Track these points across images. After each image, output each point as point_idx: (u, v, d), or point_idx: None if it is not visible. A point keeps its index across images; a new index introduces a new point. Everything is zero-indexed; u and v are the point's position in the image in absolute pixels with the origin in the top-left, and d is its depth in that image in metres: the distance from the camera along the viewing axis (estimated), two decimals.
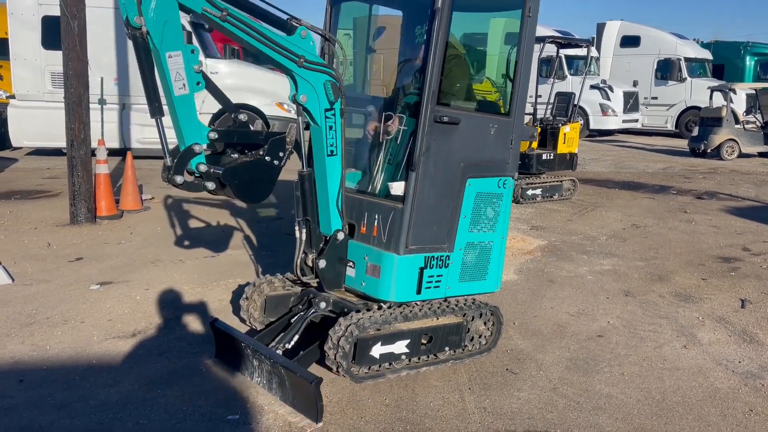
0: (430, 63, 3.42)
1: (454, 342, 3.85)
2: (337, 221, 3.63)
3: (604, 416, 3.38)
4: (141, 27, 2.82)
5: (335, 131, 3.47)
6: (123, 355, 3.96)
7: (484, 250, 3.90)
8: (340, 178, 3.57)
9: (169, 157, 3.06)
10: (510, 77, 3.92)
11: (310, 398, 3.21)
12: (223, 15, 2.98)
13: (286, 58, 3.21)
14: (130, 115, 11.32)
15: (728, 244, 6.98)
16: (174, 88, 2.98)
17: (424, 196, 3.57)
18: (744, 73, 20.89)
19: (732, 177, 12.04)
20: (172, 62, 2.95)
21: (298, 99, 3.31)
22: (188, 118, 3.07)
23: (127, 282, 5.28)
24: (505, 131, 3.83)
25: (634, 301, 5.15)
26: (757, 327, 4.66)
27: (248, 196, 3.33)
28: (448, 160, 3.62)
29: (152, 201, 8.37)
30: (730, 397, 3.63)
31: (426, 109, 3.45)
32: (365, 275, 3.68)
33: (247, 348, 3.59)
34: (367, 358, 3.50)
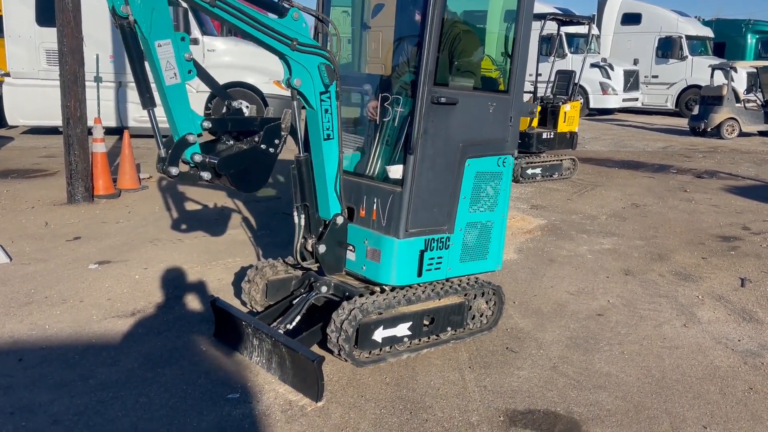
0: (426, 43, 3.32)
1: (456, 322, 3.85)
2: (335, 205, 3.58)
3: (604, 394, 3.39)
4: (128, 16, 2.72)
5: (331, 114, 3.39)
6: (122, 335, 3.95)
7: (485, 229, 3.86)
8: (337, 162, 3.51)
9: (163, 148, 2.99)
10: (509, 54, 3.85)
11: (310, 377, 3.21)
12: (212, 0, 2.88)
13: (278, 42, 3.10)
14: (127, 93, 11.21)
15: (728, 223, 6.97)
16: (165, 77, 2.88)
17: (423, 178, 3.50)
18: (745, 51, 20.74)
19: (732, 156, 12.00)
20: (162, 51, 2.85)
21: (292, 83, 3.22)
22: (181, 108, 2.98)
23: (125, 261, 5.26)
24: (504, 109, 3.77)
25: (633, 280, 5.15)
26: (757, 306, 4.66)
27: (244, 186, 3.27)
28: (447, 141, 3.55)
29: (150, 180, 8.32)
30: (730, 375, 3.63)
31: (423, 90, 3.36)
32: (366, 259, 3.64)
33: (248, 327, 3.59)
34: (369, 342, 3.49)
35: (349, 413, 3.15)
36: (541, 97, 9.90)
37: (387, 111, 3.75)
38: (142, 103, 2.92)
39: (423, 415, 3.16)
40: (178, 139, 2.99)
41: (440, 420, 3.12)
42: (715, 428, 3.11)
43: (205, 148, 3.16)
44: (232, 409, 3.16)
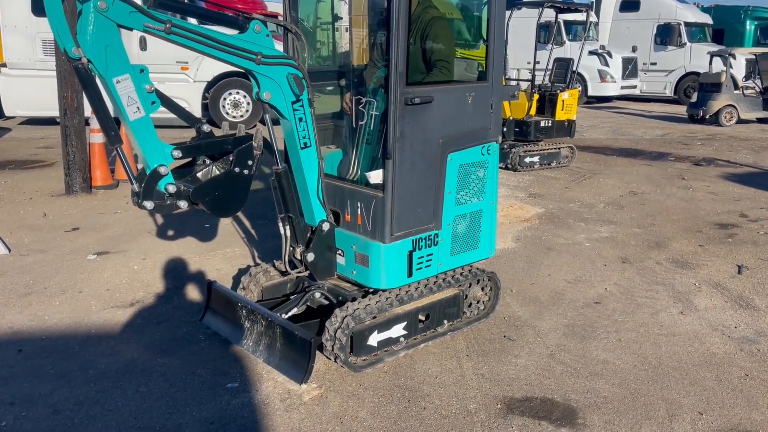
0: (393, 43, 3.16)
1: (452, 314, 3.86)
2: (320, 212, 3.55)
3: (600, 382, 3.41)
4: (80, 57, 2.64)
5: (306, 122, 3.32)
6: (122, 325, 3.97)
7: (474, 219, 3.83)
8: (317, 169, 3.45)
9: (135, 182, 2.93)
10: (484, 38, 3.73)
11: (300, 359, 3.23)
12: (167, 28, 2.80)
13: (243, 59, 3.02)
14: None
15: (726, 211, 6.98)
16: (128, 113, 2.82)
17: (404, 181, 3.41)
18: (744, 37, 20.64)
19: (730, 143, 11.99)
20: (121, 87, 2.78)
21: (262, 97, 3.15)
22: (149, 141, 2.91)
23: (124, 252, 5.27)
24: (484, 97, 3.67)
25: (631, 267, 5.16)
26: (754, 293, 4.68)
27: (221, 211, 3.24)
28: (426, 140, 3.45)
29: None
30: (726, 362, 3.66)
31: (395, 92, 3.21)
32: (355, 264, 3.60)
33: (243, 309, 3.59)
34: (365, 347, 3.48)
35: (348, 402, 3.18)
36: (539, 85, 9.88)
37: (362, 113, 3.66)
38: (108, 142, 2.88)
39: (421, 403, 3.18)
40: (150, 171, 2.93)
41: (438, 408, 3.14)
42: (711, 414, 3.13)
43: (181, 173, 3.13)
44: (232, 398, 3.18)
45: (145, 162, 2.94)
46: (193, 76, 11.38)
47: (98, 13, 2.63)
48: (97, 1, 2.60)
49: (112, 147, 2.88)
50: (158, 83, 10.89)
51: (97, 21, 2.64)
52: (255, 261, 5.11)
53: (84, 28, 2.63)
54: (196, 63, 11.30)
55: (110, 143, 2.85)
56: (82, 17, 2.64)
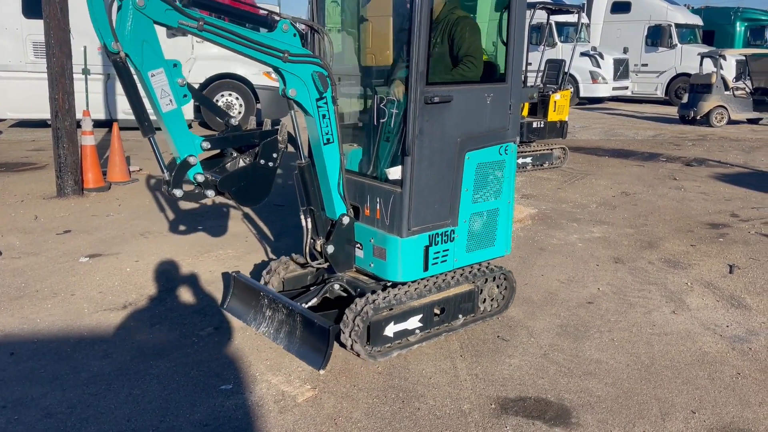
0: (415, 43, 3.28)
1: (466, 309, 3.96)
2: (340, 206, 3.67)
3: (594, 381, 3.42)
4: (119, 51, 2.78)
5: (329, 119, 3.45)
6: (114, 327, 3.95)
7: (491, 217, 3.93)
8: (339, 164, 3.57)
9: (166, 171, 3.09)
10: (504, 42, 3.86)
11: (319, 346, 3.38)
12: (200, 25, 2.93)
13: (270, 56, 3.16)
14: (116, 86, 11.12)
15: (717, 211, 7.02)
16: (161, 105, 2.96)
17: (422, 178, 3.53)
18: (734, 39, 20.79)
19: (721, 144, 12.07)
20: (156, 80, 2.92)
21: (288, 93, 3.29)
22: (180, 132, 3.06)
23: (116, 254, 5.25)
24: (503, 97, 3.78)
25: (623, 267, 5.19)
26: (745, 292, 4.71)
27: (247, 200, 3.38)
28: (444, 138, 3.56)
29: (140, 172, 8.28)
30: (718, 360, 3.68)
31: (415, 91, 3.34)
32: (373, 257, 3.73)
33: (264, 298, 3.76)
34: (381, 338, 3.57)
35: (342, 403, 3.17)
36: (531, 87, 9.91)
37: (383, 111, 3.76)
38: (141, 131, 3.01)
39: (415, 404, 3.18)
40: (180, 161, 3.07)
41: (432, 408, 3.15)
42: (704, 413, 3.15)
43: (210, 164, 3.30)
44: (225, 400, 3.17)
45: (176, 152, 3.08)
46: (187, 76, 11.33)
47: (136, 10, 2.76)
48: None
49: (145, 137, 3.02)
50: None
51: (135, 17, 2.78)
52: (270, 255, 5.10)
53: (123, 24, 2.76)
54: (188, 65, 11.26)
55: (144, 134, 3.00)
56: (121, 13, 2.77)
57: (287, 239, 5.71)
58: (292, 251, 5.36)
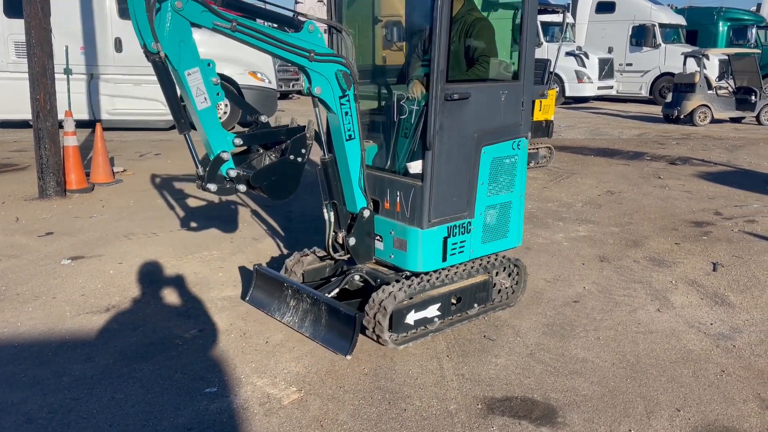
0: (435, 42, 3.44)
1: (481, 298, 4.13)
2: (361, 200, 3.80)
3: (580, 380, 3.43)
4: (158, 52, 2.93)
5: (351, 116, 3.57)
6: (97, 330, 3.90)
7: (504, 209, 4.11)
8: (360, 160, 3.70)
9: (200, 167, 3.24)
10: (516, 41, 4.02)
11: (345, 332, 3.54)
12: (233, 26, 3.07)
13: (297, 56, 3.29)
14: (99, 86, 11.02)
15: (701, 209, 7.08)
16: (196, 102, 3.11)
17: (442, 171, 3.68)
18: (717, 38, 20.98)
19: (705, 142, 12.17)
20: (192, 79, 3.07)
21: (313, 92, 3.41)
22: (213, 129, 3.20)
23: (99, 256, 5.18)
24: (516, 95, 3.93)
25: (609, 266, 5.21)
26: (728, 290, 4.75)
27: (277, 194, 3.50)
28: (462, 133, 3.71)
29: (124, 173, 8.20)
30: (703, 358, 3.70)
31: (436, 88, 3.49)
32: (393, 248, 3.87)
33: (288, 289, 3.93)
34: (403, 325, 3.72)
35: (328, 405, 3.15)
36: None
37: (403, 108, 3.90)
38: (178, 128, 3.15)
39: (402, 405, 3.17)
40: (214, 157, 3.22)
41: (419, 409, 3.14)
42: (689, 411, 3.16)
43: (237, 160, 3.38)
44: (210, 404, 3.14)
45: (209, 148, 3.24)
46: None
47: (175, 11, 2.92)
48: (174, 1, 2.89)
49: (181, 134, 3.16)
50: (134, 85, 10.84)
51: (174, 19, 2.93)
52: (257, 256, 5.06)
53: (161, 25, 2.91)
54: None
55: (180, 131, 3.14)
56: (160, 15, 2.90)
57: (272, 240, 5.68)
58: (277, 252, 5.34)
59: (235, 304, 4.30)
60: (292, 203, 6.89)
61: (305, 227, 6.08)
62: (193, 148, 3.25)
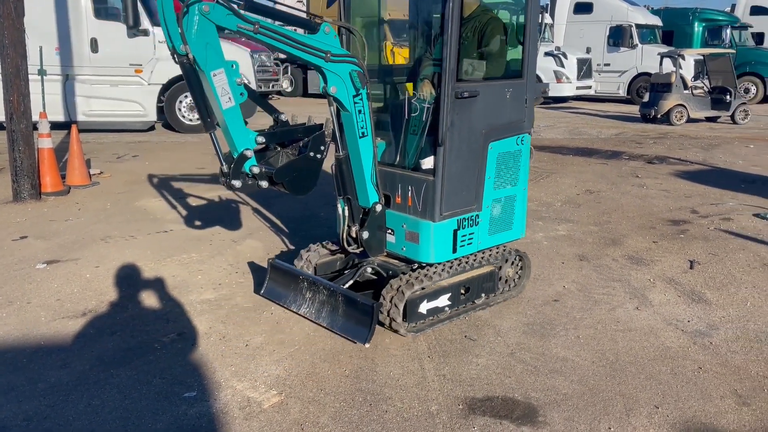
0: (447, 44, 3.61)
1: (488, 288, 4.29)
2: (374, 195, 3.93)
3: (560, 379, 3.45)
4: (187, 54, 3.06)
5: (364, 114, 3.71)
6: (73, 336, 3.84)
7: (509, 203, 4.30)
8: (372, 156, 3.83)
9: (225, 164, 3.37)
10: (520, 41, 4.17)
11: (362, 321, 3.68)
12: (256, 28, 3.21)
13: (315, 56, 3.43)
14: (75, 87, 10.86)
15: (677, 207, 7.16)
16: (221, 102, 3.24)
17: (453, 166, 3.85)
18: (692, 39, 21.26)
19: (681, 141, 12.33)
20: (217, 80, 3.21)
21: (329, 91, 3.54)
22: (237, 127, 3.34)
23: (75, 260, 5.10)
24: (520, 92, 4.13)
25: (588, 265, 5.25)
26: (705, 287, 4.81)
27: (298, 190, 3.62)
28: (471, 129, 3.90)
29: (101, 176, 8.09)
30: (680, 355, 3.74)
31: (447, 87, 3.66)
32: (405, 241, 4.04)
33: (304, 282, 4.06)
34: (416, 315, 3.87)
35: (309, 407, 3.13)
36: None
37: (414, 106, 4.02)
38: (204, 126, 3.32)
39: (383, 407, 3.16)
40: (238, 154, 3.36)
41: (400, 411, 3.13)
42: (667, 408, 3.19)
43: (255, 158, 3.48)
44: (189, 408, 3.10)
45: (233, 146, 3.37)
46: (148, 79, 11.13)
47: (202, 15, 3.06)
48: (201, 5, 3.04)
49: (207, 132, 3.34)
50: (110, 86, 10.68)
51: (201, 22, 3.07)
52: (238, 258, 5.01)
53: (189, 28, 3.05)
54: (150, 65, 11.06)
55: (205, 129, 3.33)
56: (188, 18, 3.04)
57: (252, 241, 5.63)
58: (258, 254, 5.30)
59: (214, 307, 4.27)
60: (272, 205, 6.86)
61: (283, 229, 6.05)
62: (218, 147, 3.36)
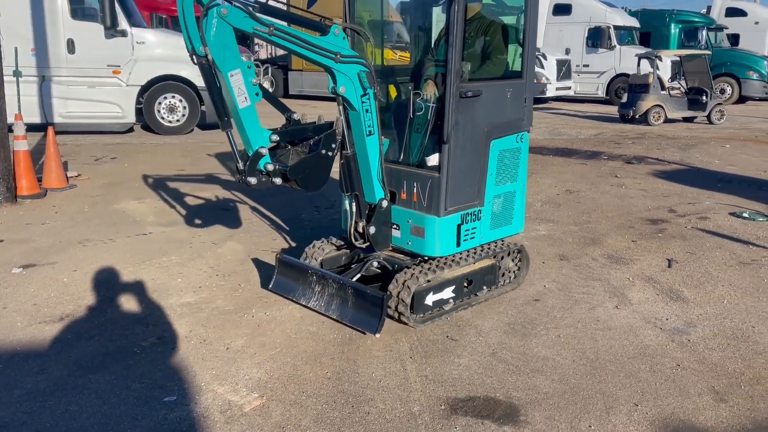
0: (452, 45, 3.76)
1: (489, 281, 4.46)
2: (380, 191, 4.06)
3: (541, 378, 3.47)
4: (206, 55, 3.19)
5: (371, 113, 3.82)
6: (50, 341, 3.78)
7: (509, 198, 4.48)
8: (379, 154, 3.95)
9: (240, 161, 3.46)
10: (520, 42, 4.34)
11: (372, 313, 3.79)
12: (270, 30, 3.33)
13: (325, 57, 3.55)
14: (51, 88, 10.70)
15: (656, 207, 7.25)
16: (238, 101, 3.35)
17: (457, 163, 4.01)
18: (669, 40, 21.55)
19: (659, 142, 12.48)
20: (234, 80, 3.32)
21: (338, 91, 3.65)
22: (253, 126, 3.44)
23: (52, 264, 5.03)
24: (520, 91, 4.30)
25: (568, 264, 5.29)
26: (683, 285, 4.87)
27: (311, 186, 3.72)
28: (474, 128, 4.06)
29: (78, 178, 7.98)
30: (659, 353, 3.78)
31: (452, 87, 3.82)
32: (410, 236, 4.18)
33: (313, 276, 4.17)
34: (422, 306, 4.00)
35: (290, 410, 3.12)
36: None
37: (419, 105, 4.15)
38: (221, 126, 3.39)
39: (365, 408, 3.15)
40: (253, 152, 3.46)
41: (382, 412, 3.12)
42: (646, 405, 3.23)
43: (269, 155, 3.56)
44: (169, 413, 3.07)
45: (249, 144, 3.47)
46: (126, 80, 11.01)
47: (220, 17, 3.19)
48: (220, 8, 3.17)
49: (223, 131, 3.43)
50: (88, 87, 10.57)
51: (219, 24, 3.20)
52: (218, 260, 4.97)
53: (208, 30, 3.18)
54: (128, 66, 10.94)
55: (222, 128, 3.41)
56: (207, 20, 3.15)
57: (233, 244, 5.60)
58: (239, 256, 5.26)
59: (194, 310, 4.23)
60: (253, 207, 6.82)
61: (265, 230, 6.02)
62: (235, 145, 3.44)
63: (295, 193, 7.44)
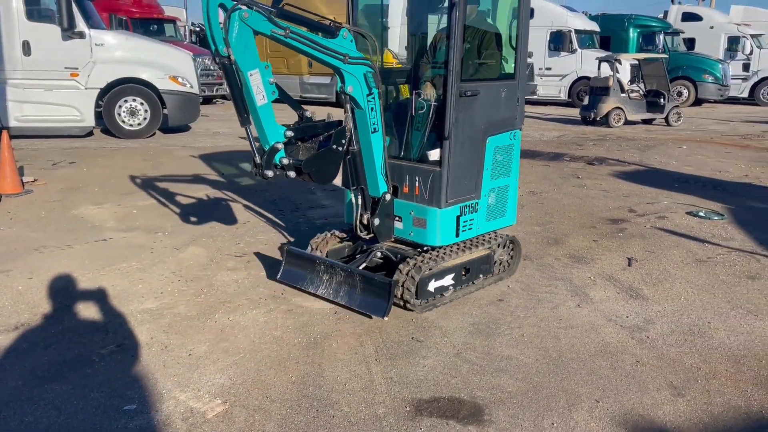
0: (452, 47, 4.01)
1: (485, 270, 4.73)
2: (383, 185, 4.27)
3: (505, 377, 3.50)
4: (229, 55, 3.38)
5: (376, 112, 4.03)
6: (4, 350, 3.67)
7: (503, 192, 4.76)
8: (383, 150, 4.17)
9: (257, 156, 3.66)
10: (513, 46, 4.63)
11: (381, 296, 4.00)
12: (287, 33, 3.52)
13: (334, 59, 3.75)
14: (6, 92, 10.40)
15: (616, 207, 7.39)
16: (256, 99, 3.55)
17: (457, 158, 4.28)
18: (628, 44, 22.01)
19: (619, 143, 12.74)
20: (253, 79, 3.52)
21: (346, 90, 3.85)
22: (269, 122, 3.65)
23: (7, 271, 4.88)
24: (513, 92, 4.58)
25: (532, 264, 5.35)
26: (642, 283, 4.97)
27: (322, 179, 3.93)
28: (473, 125, 4.33)
29: (35, 183, 7.77)
30: (619, 350, 3.85)
31: (452, 86, 4.08)
32: (412, 227, 4.44)
33: (321, 265, 4.39)
34: (425, 292, 4.26)
35: (254, 416, 3.08)
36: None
37: (421, 104, 4.40)
38: (240, 122, 3.58)
39: (330, 412, 3.13)
40: (269, 147, 3.67)
41: (347, 415, 3.11)
42: (607, 401, 3.28)
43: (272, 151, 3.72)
44: (129, 422, 3.00)
45: (265, 139, 3.68)
46: (85, 83, 10.77)
47: (241, 21, 3.38)
48: (242, 12, 3.36)
49: (242, 127, 3.61)
50: (44, 90, 10.35)
51: (240, 27, 3.39)
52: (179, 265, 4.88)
53: (230, 33, 3.36)
54: (87, 69, 10.70)
55: (241, 124, 3.59)
56: (229, 23, 3.34)
57: (195, 248, 5.52)
58: (201, 261, 5.19)
59: (156, 317, 4.15)
60: (215, 211, 6.74)
61: (229, 234, 5.95)
62: (252, 140, 3.64)
63: (259, 197, 7.37)
